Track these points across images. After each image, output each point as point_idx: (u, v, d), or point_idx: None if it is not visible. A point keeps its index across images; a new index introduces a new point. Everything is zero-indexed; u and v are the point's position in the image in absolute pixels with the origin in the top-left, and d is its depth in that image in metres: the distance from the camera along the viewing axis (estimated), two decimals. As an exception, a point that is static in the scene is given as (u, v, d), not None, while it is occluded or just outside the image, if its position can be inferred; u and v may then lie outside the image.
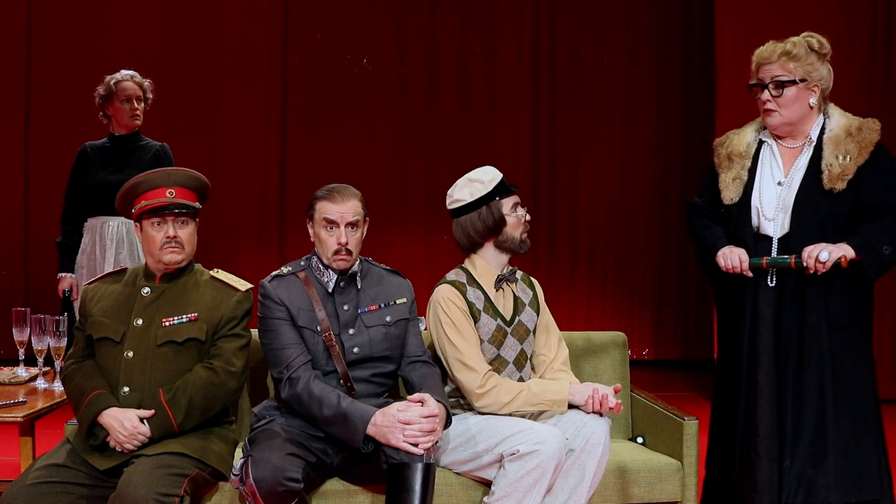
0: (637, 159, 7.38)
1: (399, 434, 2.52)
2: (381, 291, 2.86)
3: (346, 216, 2.76)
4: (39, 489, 2.48)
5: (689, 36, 7.33)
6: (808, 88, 2.83)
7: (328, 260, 2.78)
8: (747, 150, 2.93)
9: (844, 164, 2.77)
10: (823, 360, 2.78)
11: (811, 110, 2.85)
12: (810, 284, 2.78)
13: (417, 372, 2.82)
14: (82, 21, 6.92)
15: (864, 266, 2.71)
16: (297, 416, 2.72)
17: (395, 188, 7.23)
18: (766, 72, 2.84)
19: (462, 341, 2.82)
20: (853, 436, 2.78)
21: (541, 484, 2.60)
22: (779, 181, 2.85)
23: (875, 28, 5.92)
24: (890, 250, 2.72)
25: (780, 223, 2.83)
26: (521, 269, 3.07)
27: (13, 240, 6.93)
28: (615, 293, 7.44)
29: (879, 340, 5.98)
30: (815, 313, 2.78)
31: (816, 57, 2.84)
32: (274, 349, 2.75)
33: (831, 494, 2.74)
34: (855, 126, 2.82)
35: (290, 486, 2.45)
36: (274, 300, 2.76)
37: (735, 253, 2.85)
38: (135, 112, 4.23)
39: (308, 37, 7.22)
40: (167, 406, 2.61)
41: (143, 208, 2.73)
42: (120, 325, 2.72)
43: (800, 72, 2.82)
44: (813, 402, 2.78)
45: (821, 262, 2.70)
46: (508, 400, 2.79)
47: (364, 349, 2.78)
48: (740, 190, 2.90)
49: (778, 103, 2.83)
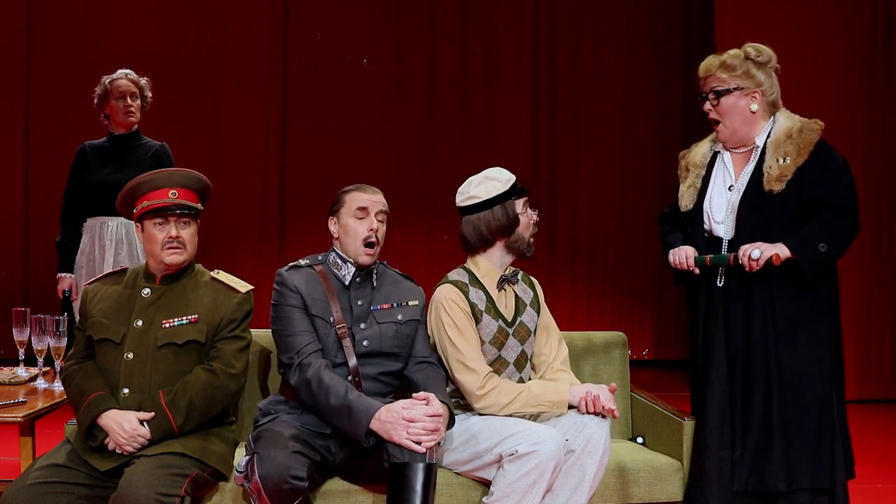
0: (637, 159, 7.39)
1: (402, 431, 2.52)
2: (395, 292, 2.89)
3: (378, 205, 2.83)
4: (39, 489, 2.47)
5: (689, 36, 7.34)
6: (745, 95, 2.94)
7: (355, 251, 2.81)
8: (702, 161, 3.08)
9: (783, 165, 2.87)
10: (769, 354, 2.87)
11: (754, 116, 2.96)
12: (756, 283, 2.88)
13: (423, 373, 2.83)
14: (82, 21, 6.92)
15: (800, 264, 2.81)
16: (302, 412, 2.72)
17: (395, 188, 7.22)
18: (707, 84, 3.00)
19: (463, 342, 2.83)
20: (801, 426, 2.86)
21: (539, 484, 2.60)
22: (729, 186, 2.98)
23: (875, 28, 5.92)
24: (826, 248, 2.81)
25: (728, 226, 2.95)
26: (521, 268, 3.08)
27: (13, 240, 6.94)
28: (615, 293, 7.44)
29: (880, 340, 6.00)
30: (761, 310, 2.88)
31: (753, 65, 2.95)
32: (285, 335, 2.76)
33: (778, 482, 2.83)
34: (796, 128, 2.92)
35: (295, 485, 2.45)
36: (289, 287, 2.78)
37: (683, 251, 3.01)
38: (129, 108, 4.21)
39: (308, 37, 7.22)
40: (167, 408, 2.61)
41: (145, 208, 2.73)
42: (120, 326, 2.71)
43: (734, 81, 2.94)
44: (759, 395, 2.87)
45: (753, 260, 2.80)
46: (508, 401, 2.79)
47: (374, 343, 2.79)
48: (694, 197, 3.05)
49: (717, 112, 2.96)
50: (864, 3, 5.91)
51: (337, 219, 2.85)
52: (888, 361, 6.01)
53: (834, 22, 5.79)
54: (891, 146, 5.91)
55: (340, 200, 2.86)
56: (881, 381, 5.97)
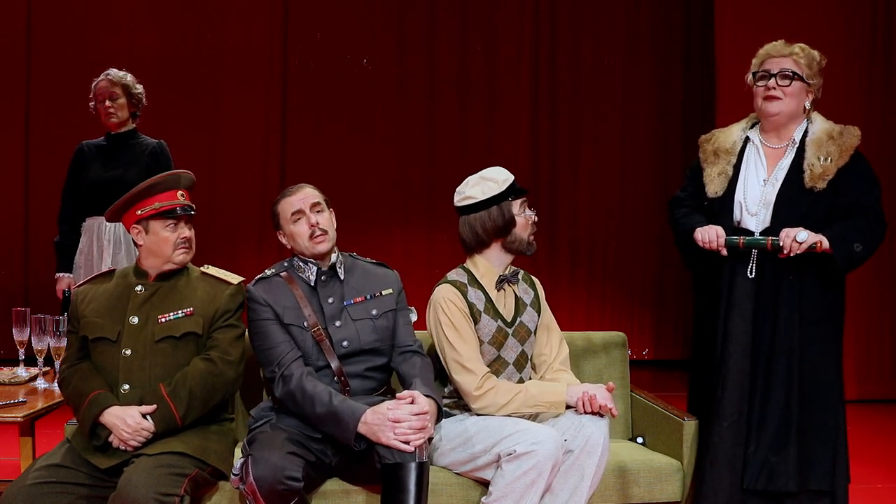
0: (637, 159, 7.39)
1: (389, 432, 2.53)
2: (367, 283, 2.88)
3: (308, 200, 2.84)
4: (39, 489, 2.48)
5: (689, 36, 7.34)
6: (807, 90, 2.97)
7: (307, 249, 2.82)
8: (733, 147, 3.04)
9: (826, 164, 2.88)
10: (793, 353, 2.87)
11: (802, 112, 2.98)
12: (786, 279, 2.87)
13: (409, 363, 2.83)
14: (82, 21, 6.92)
15: (835, 258, 2.81)
16: (293, 417, 2.72)
17: (395, 188, 7.23)
18: (776, 63, 2.96)
19: (461, 342, 2.82)
20: (816, 427, 2.87)
21: (538, 484, 2.60)
22: (763, 179, 2.96)
23: (875, 28, 5.92)
24: (861, 248, 2.83)
25: (761, 218, 2.93)
26: (522, 267, 3.07)
27: (13, 240, 6.94)
28: (615, 293, 7.44)
29: (880, 340, 5.99)
30: (789, 307, 2.87)
31: (818, 67, 3.00)
32: (264, 349, 2.77)
33: (790, 482, 2.84)
34: (836, 130, 2.94)
35: (290, 485, 2.46)
36: (259, 302, 2.79)
37: (713, 229, 2.93)
38: (108, 110, 4.20)
39: (308, 37, 7.22)
40: (169, 399, 2.62)
41: (156, 210, 2.75)
42: (115, 324, 2.72)
43: (807, 71, 2.96)
44: (780, 392, 2.87)
45: (797, 242, 2.79)
46: (505, 402, 2.79)
47: (353, 342, 2.79)
48: (725, 184, 3.00)
49: (784, 91, 2.94)
50: (864, 3, 5.91)
51: (282, 231, 2.88)
52: (888, 361, 6.01)
53: (834, 22, 5.79)
54: (891, 146, 5.91)
55: (275, 214, 2.89)
56: (881, 381, 5.97)
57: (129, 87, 4.24)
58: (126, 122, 4.25)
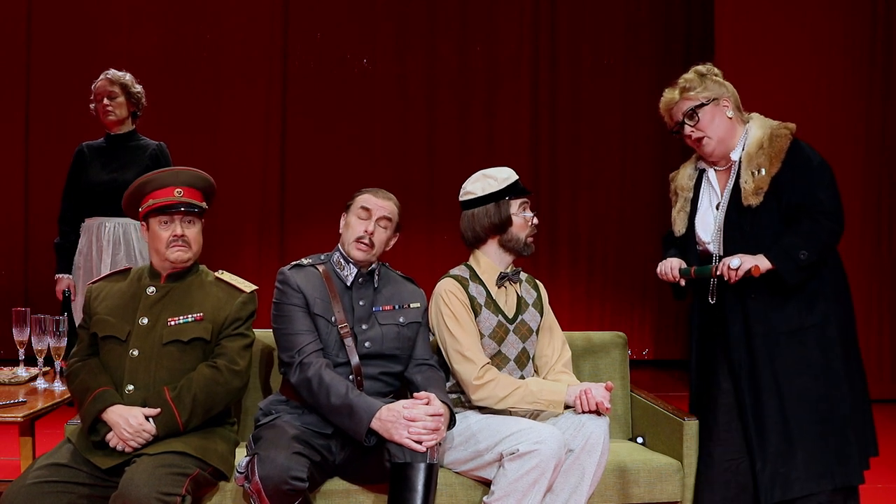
0: (637, 159, 7.39)
1: (403, 430, 2.53)
2: (396, 294, 2.91)
3: (381, 210, 2.90)
4: (40, 488, 2.48)
5: (689, 36, 7.33)
6: (717, 105, 2.96)
7: (349, 247, 2.84)
8: (689, 183, 3.09)
9: (759, 178, 2.87)
10: (775, 365, 2.85)
11: (731, 121, 2.96)
12: (749, 297, 2.88)
13: (423, 374, 2.85)
14: (82, 21, 6.92)
15: (781, 274, 2.80)
16: (303, 412, 2.73)
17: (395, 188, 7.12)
18: (676, 112, 3.01)
19: (462, 333, 2.85)
20: (818, 432, 2.85)
21: (540, 483, 2.60)
22: (717, 204, 2.98)
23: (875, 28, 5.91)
24: (807, 255, 2.79)
25: (717, 244, 2.95)
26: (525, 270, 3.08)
27: (13, 240, 6.94)
28: (615, 293, 7.44)
29: (879, 341, 5.99)
30: (760, 323, 2.87)
31: (707, 79, 3.00)
32: (287, 334, 2.77)
33: (805, 486, 2.83)
34: (766, 137, 2.91)
35: (295, 486, 2.46)
36: (291, 286, 2.80)
37: (668, 263, 3.03)
38: (106, 109, 4.21)
39: (308, 37, 7.22)
40: (172, 404, 2.61)
41: (150, 207, 2.74)
42: (125, 323, 2.72)
43: (703, 95, 2.96)
44: (772, 406, 2.85)
45: (732, 269, 2.80)
46: (505, 395, 2.80)
47: (376, 344, 2.80)
48: (685, 221, 3.07)
49: (699, 128, 2.95)
50: (864, 4, 5.91)
51: (346, 215, 2.92)
52: (888, 361, 6.01)
53: (834, 22, 5.78)
54: (891, 147, 5.91)
55: (353, 198, 2.94)
56: (881, 381, 5.96)
57: (127, 87, 4.24)
58: (125, 122, 4.25)
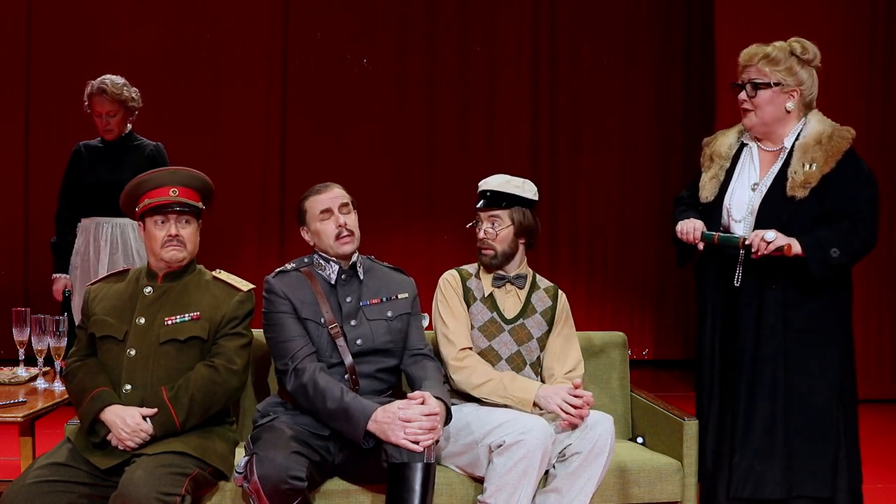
0: (637, 159, 7.38)
1: (399, 431, 2.53)
2: (384, 286, 2.91)
3: (337, 200, 2.87)
4: (40, 488, 2.48)
5: (689, 36, 7.33)
6: (783, 93, 2.86)
7: (332, 248, 2.84)
8: (728, 152, 2.98)
9: (809, 172, 2.79)
10: (778, 361, 2.82)
11: (788, 115, 2.87)
12: (769, 288, 2.82)
13: (419, 365, 2.85)
14: (82, 21, 6.91)
15: (808, 263, 2.72)
16: (300, 413, 2.73)
17: (395, 188, 7.22)
18: (746, 72, 2.89)
19: (450, 318, 2.94)
20: (805, 435, 2.82)
21: (530, 474, 2.62)
22: (754, 184, 2.90)
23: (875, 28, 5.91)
24: (838, 253, 2.73)
25: (748, 226, 2.87)
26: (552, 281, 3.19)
27: (13, 240, 6.93)
28: (615, 293, 7.44)
29: (879, 341, 5.99)
30: (773, 315, 2.82)
31: (797, 62, 2.85)
32: (279, 342, 2.78)
33: (777, 489, 2.80)
34: (826, 134, 2.83)
35: (294, 485, 2.46)
36: (278, 294, 2.80)
37: (692, 223, 2.90)
38: (107, 126, 4.20)
39: (308, 37, 7.22)
40: (170, 404, 2.62)
41: (146, 206, 2.74)
42: (123, 323, 2.72)
43: (776, 76, 2.84)
44: (765, 400, 2.83)
45: (765, 241, 2.71)
46: (479, 383, 2.85)
47: (367, 341, 2.81)
48: (716, 190, 2.96)
49: (753, 104, 2.87)
50: (864, 4, 5.91)
51: (307, 227, 2.89)
52: (888, 361, 6.01)
53: (834, 22, 5.78)
54: (891, 147, 5.91)
55: (302, 210, 2.90)
56: (881, 381, 5.96)
57: (125, 102, 4.21)
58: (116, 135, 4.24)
